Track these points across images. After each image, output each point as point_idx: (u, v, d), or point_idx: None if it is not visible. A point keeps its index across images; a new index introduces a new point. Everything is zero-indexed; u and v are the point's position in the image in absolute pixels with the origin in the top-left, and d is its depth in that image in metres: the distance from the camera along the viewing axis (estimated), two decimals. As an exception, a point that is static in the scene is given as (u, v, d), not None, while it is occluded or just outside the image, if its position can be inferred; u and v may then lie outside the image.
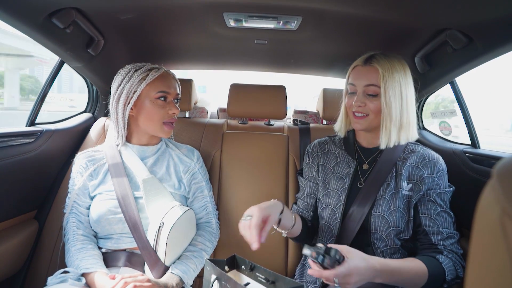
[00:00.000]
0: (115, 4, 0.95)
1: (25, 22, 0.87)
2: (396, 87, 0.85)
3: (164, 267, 0.89)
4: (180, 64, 1.67)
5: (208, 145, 1.34)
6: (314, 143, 1.08)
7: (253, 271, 0.70)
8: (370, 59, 0.89)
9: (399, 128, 0.87)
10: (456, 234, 0.86)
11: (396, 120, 0.86)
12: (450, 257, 0.82)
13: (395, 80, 0.85)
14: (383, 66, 0.85)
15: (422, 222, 0.87)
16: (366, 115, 0.89)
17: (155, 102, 0.98)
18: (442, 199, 0.87)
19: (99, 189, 0.97)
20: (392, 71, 0.85)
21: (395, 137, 0.88)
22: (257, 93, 1.43)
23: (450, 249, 0.83)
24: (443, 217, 0.86)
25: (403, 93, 0.86)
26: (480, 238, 0.28)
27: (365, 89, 0.88)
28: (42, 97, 1.19)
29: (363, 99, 0.88)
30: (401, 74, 0.86)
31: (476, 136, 1.15)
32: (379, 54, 0.89)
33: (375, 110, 0.87)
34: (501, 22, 0.80)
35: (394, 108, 0.85)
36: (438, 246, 0.84)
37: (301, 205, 1.04)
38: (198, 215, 1.08)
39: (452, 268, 0.81)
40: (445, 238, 0.84)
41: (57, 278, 0.82)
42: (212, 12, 1.00)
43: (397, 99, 0.85)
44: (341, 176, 0.96)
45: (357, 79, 0.89)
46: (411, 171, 0.89)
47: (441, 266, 0.80)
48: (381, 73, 0.85)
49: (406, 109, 0.87)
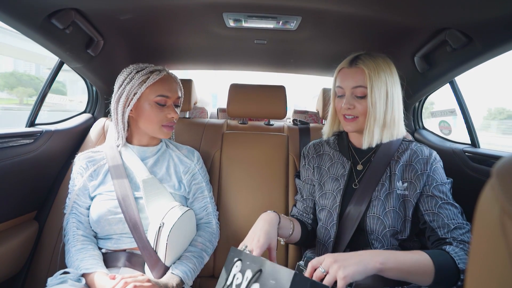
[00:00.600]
0: (114, 4, 0.95)
1: (24, 23, 0.87)
2: (382, 87, 0.85)
3: (164, 267, 0.89)
4: (179, 64, 1.67)
5: (208, 145, 1.34)
6: (309, 145, 1.09)
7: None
8: (355, 60, 0.89)
9: (381, 127, 0.88)
10: (466, 224, 0.79)
11: (379, 120, 0.86)
12: (461, 247, 0.74)
13: (381, 79, 0.85)
14: (368, 67, 0.85)
15: (426, 219, 0.83)
16: (356, 117, 0.89)
17: (154, 105, 0.98)
18: (441, 191, 0.84)
19: (99, 189, 0.97)
20: (378, 70, 0.85)
21: (378, 136, 0.88)
22: (256, 93, 1.43)
23: (460, 239, 0.76)
24: (446, 209, 0.81)
25: (389, 91, 0.86)
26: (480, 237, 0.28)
27: (353, 91, 0.88)
28: (42, 98, 1.19)
29: (351, 101, 0.88)
30: (387, 73, 0.86)
31: (476, 135, 1.16)
32: (364, 54, 0.89)
33: (363, 111, 0.87)
34: (501, 21, 0.80)
35: (379, 108, 0.86)
36: (447, 240, 0.78)
37: (301, 208, 1.04)
38: (198, 215, 1.08)
39: (465, 257, 0.72)
40: (452, 230, 0.78)
41: (57, 278, 0.82)
42: (212, 12, 1.00)
43: (382, 98, 0.85)
44: (336, 177, 0.96)
45: (344, 81, 0.89)
46: (404, 169, 0.89)
47: (449, 256, 0.72)
48: (367, 74, 0.85)
49: (391, 107, 0.87)
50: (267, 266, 0.64)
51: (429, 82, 1.22)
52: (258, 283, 0.61)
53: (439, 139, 1.34)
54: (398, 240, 0.87)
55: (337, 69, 0.94)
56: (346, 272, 0.62)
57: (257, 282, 0.61)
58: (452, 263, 0.71)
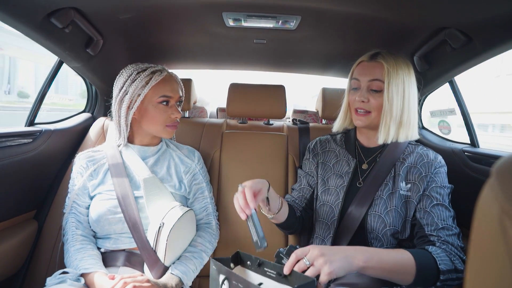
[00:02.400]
0: (114, 4, 0.94)
1: (23, 22, 0.87)
2: (399, 84, 0.85)
3: (164, 267, 0.89)
4: (179, 64, 1.66)
5: (207, 144, 1.34)
6: (316, 141, 1.09)
7: (261, 267, 0.69)
8: (376, 55, 0.90)
9: (398, 125, 0.88)
10: (454, 228, 0.80)
11: (396, 117, 0.86)
12: (443, 248, 0.76)
13: (399, 77, 0.86)
14: (388, 62, 0.86)
15: (417, 216, 0.85)
16: (369, 112, 0.89)
17: (158, 106, 0.98)
18: (439, 193, 0.84)
19: (98, 189, 0.97)
20: (397, 68, 0.86)
21: (394, 134, 0.88)
22: (256, 92, 1.43)
23: (444, 240, 0.78)
24: (439, 210, 0.82)
25: (406, 91, 0.87)
26: (479, 237, 0.28)
27: (369, 84, 0.88)
28: (41, 97, 1.18)
29: (366, 95, 0.88)
30: (405, 72, 0.87)
31: (476, 135, 1.16)
32: (384, 51, 0.90)
33: (377, 107, 0.87)
34: (500, 21, 0.80)
35: (396, 105, 0.86)
36: (431, 238, 0.79)
37: (295, 195, 1.05)
38: (198, 216, 1.08)
39: (446, 258, 0.74)
40: (439, 229, 0.79)
41: (56, 278, 0.82)
42: (211, 12, 1.00)
43: (399, 96, 0.86)
44: (340, 174, 0.96)
45: (362, 74, 0.90)
46: (409, 171, 0.89)
47: (431, 256, 0.73)
48: (386, 69, 0.86)
49: (408, 107, 0.87)
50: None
51: (428, 81, 1.22)
52: None
53: (439, 138, 1.34)
54: (397, 240, 0.87)
55: (356, 62, 0.94)
56: (332, 268, 0.61)
57: None
58: (433, 263, 0.72)
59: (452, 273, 0.72)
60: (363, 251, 0.68)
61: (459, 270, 0.73)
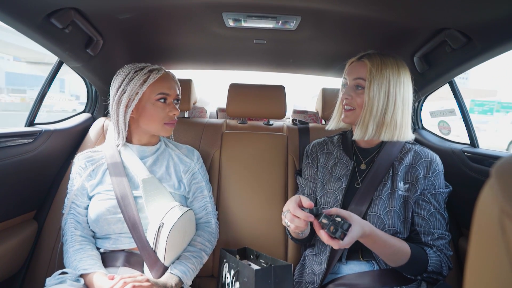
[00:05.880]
0: (114, 4, 0.94)
1: (23, 22, 0.87)
2: (382, 83, 0.86)
3: (164, 267, 0.89)
4: (179, 64, 1.66)
5: (207, 145, 1.34)
6: (313, 144, 1.09)
7: (258, 259, 0.98)
8: (363, 55, 0.92)
9: (379, 124, 0.88)
10: (447, 235, 0.86)
11: (376, 116, 0.87)
12: (438, 254, 0.83)
13: (384, 76, 0.87)
14: (372, 62, 0.88)
15: (415, 221, 0.88)
16: (353, 108, 0.91)
17: (156, 104, 0.98)
18: (437, 200, 0.87)
19: (97, 188, 0.97)
20: (382, 67, 0.87)
21: (373, 132, 0.89)
22: (256, 93, 1.43)
23: (440, 248, 0.85)
24: (436, 218, 0.86)
25: (391, 91, 0.87)
26: (479, 237, 0.28)
27: (354, 82, 0.91)
28: (41, 98, 1.18)
29: (350, 92, 0.91)
30: (393, 72, 0.87)
31: (475, 135, 1.16)
32: (375, 52, 0.92)
33: (360, 104, 0.90)
34: (500, 21, 0.80)
35: (377, 104, 0.87)
36: (428, 244, 0.86)
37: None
38: (198, 215, 1.07)
39: (437, 262, 0.82)
40: (435, 239, 0.85)
41: (56, 279, 0.82)
42: (211, 12, 1.00)
43: (381, 95, 0.86)
44: (338, 176, 0.97)
45: (349, 73, 0.94)
46: (407, 171, 0.90)
47: (426, 255, 0.81)
48: (368, 68, 0.88)
49: (393, 107, 0.87)
50: (240, 266, 0.80)
51: (428, 82, 1.22)
52: (238, 282, 0.74)
53: (438, 139, 1.34)
54: None
55: (348, 63, 0.97)
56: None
57: (238, 281, 0.74)
58: (425, 261, 0.81)
59: (434, 274, 0.82)
60: (368, 234, 0.75)
61: (443, 275, 0.84)
